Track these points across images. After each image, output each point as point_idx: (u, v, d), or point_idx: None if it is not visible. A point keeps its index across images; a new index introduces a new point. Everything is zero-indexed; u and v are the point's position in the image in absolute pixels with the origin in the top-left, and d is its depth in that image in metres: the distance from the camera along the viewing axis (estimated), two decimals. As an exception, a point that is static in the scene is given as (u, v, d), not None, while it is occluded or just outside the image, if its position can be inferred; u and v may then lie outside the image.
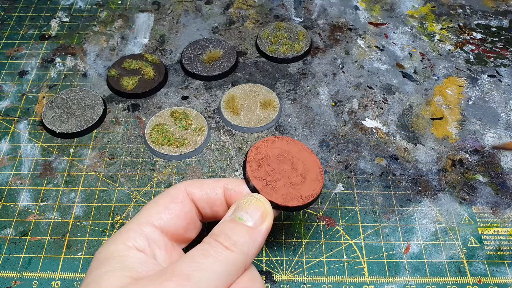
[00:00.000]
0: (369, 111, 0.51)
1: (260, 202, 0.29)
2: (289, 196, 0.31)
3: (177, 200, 0.30)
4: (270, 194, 0.30)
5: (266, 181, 0.31)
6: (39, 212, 0.43)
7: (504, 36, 0.59)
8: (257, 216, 0.28)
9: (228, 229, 0.27)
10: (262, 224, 0.28)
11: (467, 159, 0.47)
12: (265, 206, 0.29)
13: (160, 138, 0.47)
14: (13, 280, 0.38)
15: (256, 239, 0.27)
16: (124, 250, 0.27)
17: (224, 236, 0.27)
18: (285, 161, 0.33)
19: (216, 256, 0.26)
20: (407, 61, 0.56)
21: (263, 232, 0.28)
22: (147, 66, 0.53)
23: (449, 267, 0.39)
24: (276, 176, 0.31)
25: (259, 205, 0.28)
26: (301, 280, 0.39)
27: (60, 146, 0.47)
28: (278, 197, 0.30)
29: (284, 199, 0.30)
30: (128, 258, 0.26)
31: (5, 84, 0.53)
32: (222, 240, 0.26)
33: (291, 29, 0.58)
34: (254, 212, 0.28)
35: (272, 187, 0.31)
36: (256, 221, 0.28)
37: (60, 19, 0.60)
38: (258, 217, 0.28)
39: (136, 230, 0.28)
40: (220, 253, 0.26)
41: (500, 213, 0.43)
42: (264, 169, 0.32)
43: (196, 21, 0.60)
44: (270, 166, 0.32)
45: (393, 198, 0.44)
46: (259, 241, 0.27)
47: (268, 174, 0.31)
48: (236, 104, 0.50)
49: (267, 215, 0.28)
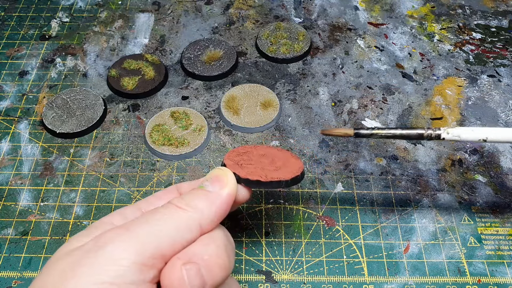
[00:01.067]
0: (368, 111, 0.51)
1: (222, 171, 0.29)
2: (254, 174, 0.30)
3: (166, 190, 0.31)
4: (235, 169, 0.30)
5: (238, 162, 0.31)
6: (39, 212, 0.43)
7: (504, 36, 0.59)
8: (217, 182, 0.28)
9: (186, 194, 0.27)
10: (221, 189, 0.28)
11: (466, 159, 0.47)
12: (227, 175, 0.29)
13: (160, 138, 0.47)
14: (14, 280, 0.38)
15: (214, 202, 0.27)
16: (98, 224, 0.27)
17: (179, 199, 0.27)
18: (266, 158, 0.33)
19: (164, 212, 0.25)
20: (406, 61, 0.56)
21: (223, 197, 0.27)
22: (147, 66, 0.53)
23: (448, 267, 0.40)
24: (250, 162, 0.31)
25: (220, 173, 0.29)
26: (301, 280, 0.39)
27: (61, 146, 0.47)
28: (242, 171, 0.30)
29: (246, 174, 0.30)
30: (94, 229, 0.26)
31: (5, 84, 0.53)
32: (175, 201, 0.26)
33: (291, 29, 0.58)
34: (214, 179, 0.28)
35: (240, 166, 0.31)
36: (215, 187, 0.28)
37: (60, 19, 0.61)
38: (218, 183, 0.28)
39: (119, 211, 0.28)
40: (170, 210, 0.26)
41: (500, 213, 0.43)
42: (241, 157, 0.32)
43: (196, 21, 0.60)
44: (248, 157, 0.32)
45: (393, 198, 0.44)
46: (217, 204, 0.27)
47: (243, 160, 0.31)
48: (236, 104, 0.50)
49: (228, 182, 0.28)
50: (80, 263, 0.23)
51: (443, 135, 0.33)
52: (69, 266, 0.23)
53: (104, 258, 0.23)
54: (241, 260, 0.40)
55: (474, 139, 0.33)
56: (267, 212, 0.43)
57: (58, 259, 0.24)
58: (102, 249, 0.23)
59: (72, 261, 0.23)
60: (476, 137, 0.33)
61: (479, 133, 0.33)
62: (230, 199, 0.28)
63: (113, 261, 0.23)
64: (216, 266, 0.25)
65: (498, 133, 0.33)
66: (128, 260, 0.23)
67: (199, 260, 0.24)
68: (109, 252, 0.23)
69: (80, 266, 0.23)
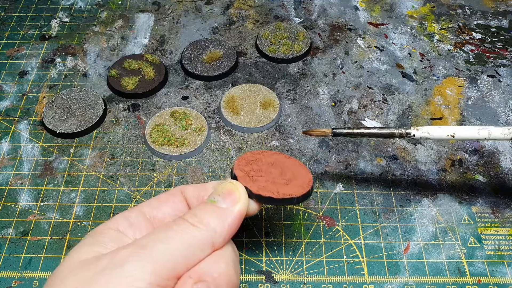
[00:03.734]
0: (368, 111, 0.51)
1: (234, 185, 0.29)
2: (265, 189, 0.30)
3: (169, 192, 0.31)
4: (247, 182, 0.30)
5: (249, 173, 0.31)
6: (39, 212, 0.43)
7: (504, 36, 0.59)
8: (229, 198, 0.28)
9: (197, 209, 0.27)
10: (233, 206, 0.27)
11: (466, 159, 0.47)
12: (239, 190, 0.28)
13: (160, 138, 0.47)
14: (14, 280, 0.39)
15: (226, 219, 0.27)
16: (103, 229, 0.27)
17: (191, 214, 0.26)
18: (275, 167, 0.32)
19: (178, 230, 0.25)
20: (406, 61, 0.56)
21: (235, 214, 0.27)
22: (147, 66, 0.53)
23: (448, 267, 0.40)
24: (260, 174, 0.31)
25: (232, 188, 0.28)
26: (301, 280, 0.39)
27: (61, 146, 0.47)
28: (253, 186, 0.30)
29: (258, 189, 0.30)
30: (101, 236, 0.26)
31: (5, 84, 0.53)
32: (188, 217, 0.26)
33: (291, 30, 0.58)
34: (226, 194, 0.28)
35: (252, 179, 0.30)
36: (227, 203, 0.27)
37: (60, 19, 0.61)
38: (230, 198, 0.28)
39: (123, 215, 0.28)
40: (183, 228, 0.25)
41: (500, 213, 0.43)
42: (251, 167, 0.31)
43: (196, 22, 0.60)
44: (258, 166, 0.32)
45: (393, 198, 0.44)
46: (229, 221, 0.27)
47: (253, 170, 0.31)
48: (236, 104, 0.50)
49: (240, 198, 0.28)
50: (95, 280, 0.23)
51: (413, 132, 0.36)
52: (83, 283, 0.23)
53: (120, 277, 0.23)
54: (241, 260, 0.40)
55: (442, 136, 0.36)
56: (267, 212, 0.43)
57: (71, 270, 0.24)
58: (119, 268, 0.23)
59: (86, 277, 0.23)
60: (444, 133, 0.36)
61: (447, 130, 0.36)
62: (241, 216, 0.28)
63: (129, 281, 0.22)
64: (225, 283, 0.25)
65: (464, 130, 0.36)
66: (144, 281, 0.23)
67: (209, 278, 0.25)
68: (125, 271, 0.23)
69: (94, 284, 0.23)
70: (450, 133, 0.36)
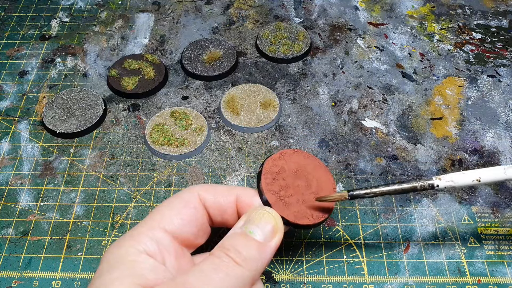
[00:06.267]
0: (368, 111, 0.51)
1: (272, 217, 0.28)
2: (300, 214, 0.30)
3: (190, 205, 0.29)
4: (282, 210, 0.30)
5: (279, 195, 0.31)
6: (39, 212, 0.43)
7: (504, 36, 0.59)
8: (267, 231, 0.28)
9: (239, 244, 0.27)
10: (272, 239, 0.27)
11: (466, 159, 0.47)
12: (276, 221, 0.28)
13: (160, 138, 0.47)
14: (14, 280, 0.39)
15: (266, 255, 0.27)
16: (135, 254, 0.26)
17: (235, 251, 0.26)
18: (300, 176, 0.33)
19: (227, 271, 0.25)
20: (406, 61, 0.56)
21: (273, 248, 0.27)
22: (147, 66, 0.53)
23: (448, 267, 0.40)
24: (289, 192, 0.31)
25: (271, 220, 0.28)
26: (301, 280, 0.39)
27: (61, 146, 0.47)
28: (290, 213, 0.30)
29: (295, 217, 0.30)
30: (138, 264, 0.26)
31: (5, 84, 0.53)
32: (232, 255, 0.26)
33: (291, 29, 0.58)
34: (265, 227, 0.28)
35: (284, 203, 0.30)
36: (267, 236, 0.27)
37: (60, 19, 0.61)
38: (268, 232, 0.28)
39: (147, 234, 0.27)
40: (231, 268, 0.25)
41: (500, 213, 0.43)
42: (278, 183, 0.31)
43: (196, 21, 0.60)
44: (284, 180, 0.32)
45: (393, 198, 0.44)
46: (268, 257, 0.27)
47: (282, 188, 0.31)
48: (236, 104, 0.50)
49: (278, 231, 0.28)
50: None
51: (436, 183, 0.32)
52: None
53: None
54: (241, 260, 0.40)
55: (467, 182, 0.32)
56: (267, 212, 0.43)
57: None
58: None
59: None
60: (469, 179, 0.32)
61: (471, 175, 0.32)
62: (277, 248, 0.28)
63: None
64: None
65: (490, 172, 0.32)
66: None
67: None
68: None
69: None
70: (476, 178, 0.32)
